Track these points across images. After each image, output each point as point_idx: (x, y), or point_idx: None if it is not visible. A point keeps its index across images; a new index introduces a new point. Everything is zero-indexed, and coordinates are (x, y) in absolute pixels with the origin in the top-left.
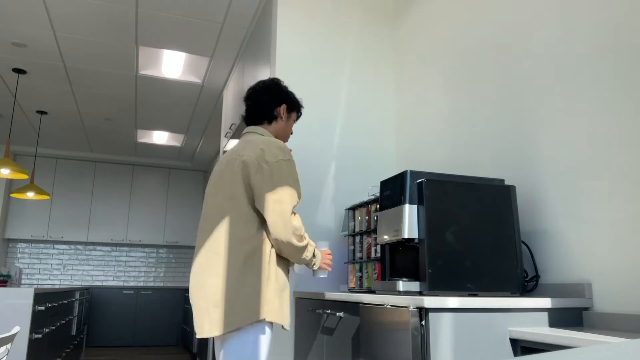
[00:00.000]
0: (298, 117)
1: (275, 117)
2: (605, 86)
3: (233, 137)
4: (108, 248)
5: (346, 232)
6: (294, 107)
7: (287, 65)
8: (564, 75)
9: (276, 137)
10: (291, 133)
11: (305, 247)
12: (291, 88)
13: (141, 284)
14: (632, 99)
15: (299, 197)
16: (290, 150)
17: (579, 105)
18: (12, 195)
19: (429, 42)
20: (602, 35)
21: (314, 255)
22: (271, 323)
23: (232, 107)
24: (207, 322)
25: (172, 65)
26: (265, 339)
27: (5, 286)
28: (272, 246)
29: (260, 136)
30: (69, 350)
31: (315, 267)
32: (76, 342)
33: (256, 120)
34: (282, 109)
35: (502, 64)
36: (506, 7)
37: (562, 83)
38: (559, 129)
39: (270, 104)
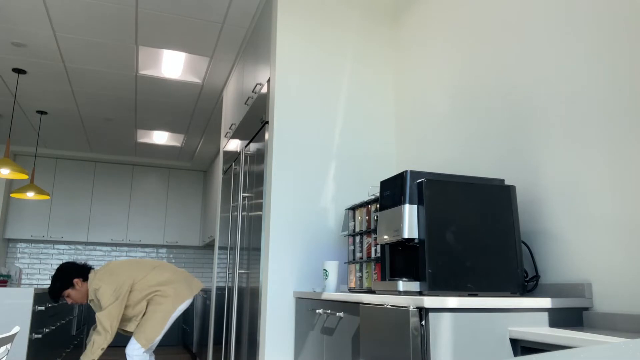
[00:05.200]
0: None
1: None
2: (605, 86)
3: (233, 137)
4: (108, 248)
5: (346, 232)
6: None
7: (287, 65)
8: (564, 75)
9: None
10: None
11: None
12: (291, 88)
13: None
14: (632, 98)
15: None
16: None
17: (579, 105)
18: (12, 195)
19: (429, 43)
20: (603, 35)
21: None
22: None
23: (232, 107)
24: None
25: (172, 65)
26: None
27: (5, 286)
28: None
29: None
30: (69, 350)
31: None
32: (76, 342)
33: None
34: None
35: (502, 64)
36: (507, 7)
37: (562, 83)
38: (559, 129)
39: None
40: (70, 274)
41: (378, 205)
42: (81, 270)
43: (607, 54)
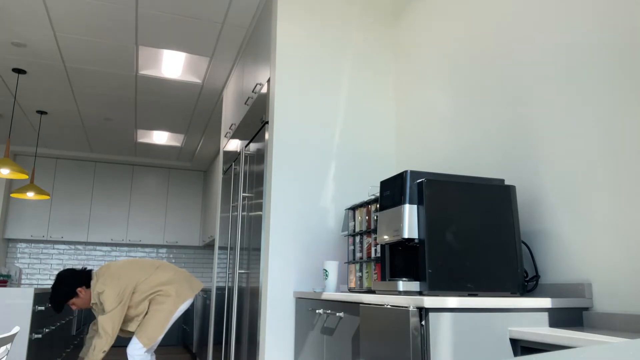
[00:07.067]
0: None
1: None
2: (606, 86)
3: (233, 137)
4: (108, 248)
5: (346, 232)
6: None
7: (287, 65)
8: (564, 75)
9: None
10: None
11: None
12: (291, 88)
13: None
14: (633, 98)
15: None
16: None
17: (579, 106)
18: (12, 195)
19: (429, 43)
20: (604, 35)
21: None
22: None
23: (232, 107)
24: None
25: (172, 65)
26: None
27: (5, 286)
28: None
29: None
30: (69, 350)
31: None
32: (76, 342)
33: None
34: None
35: (502, 64)
36: (507, 7)
37: (562, 83)
38: (559, 129)
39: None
40: (73, 283)
41: (378, 205)
42: (82, 278)
43: (607, 52)
